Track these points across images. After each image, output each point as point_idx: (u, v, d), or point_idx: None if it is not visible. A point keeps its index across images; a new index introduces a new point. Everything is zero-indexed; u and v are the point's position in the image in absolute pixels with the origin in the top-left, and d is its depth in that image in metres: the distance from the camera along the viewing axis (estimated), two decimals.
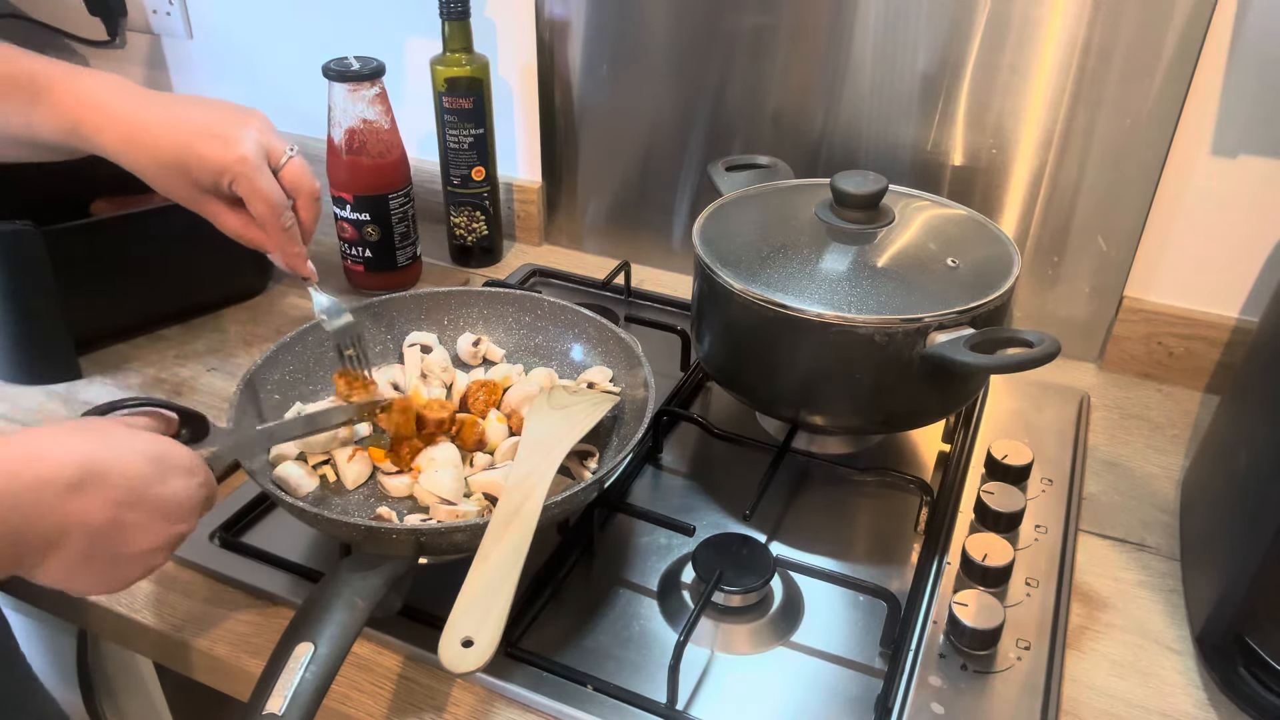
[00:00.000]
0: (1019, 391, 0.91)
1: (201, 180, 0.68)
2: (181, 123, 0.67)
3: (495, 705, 0.61)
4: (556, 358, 0.83)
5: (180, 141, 0.67)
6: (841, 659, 0.64)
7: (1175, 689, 0.63)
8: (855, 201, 0.76)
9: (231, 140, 0.67)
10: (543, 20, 1.05)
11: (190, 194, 0.69)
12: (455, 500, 0.68)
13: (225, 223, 0.71)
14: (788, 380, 0.74)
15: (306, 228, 0.74)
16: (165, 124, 0.67)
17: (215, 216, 0.71)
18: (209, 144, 0.67)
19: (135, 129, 0.67)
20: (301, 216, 0.73)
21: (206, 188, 0.68)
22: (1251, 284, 0.88)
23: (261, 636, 0.65)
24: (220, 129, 0.67)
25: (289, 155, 0.71)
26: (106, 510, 0.49)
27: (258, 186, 0.68)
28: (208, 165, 0.67)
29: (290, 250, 0.72)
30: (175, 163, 0.67)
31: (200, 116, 0.68)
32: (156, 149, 0.67)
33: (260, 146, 0.69)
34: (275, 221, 0.70)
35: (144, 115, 0.67)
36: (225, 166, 0.67)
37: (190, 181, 0.68)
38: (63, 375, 0.90)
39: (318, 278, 0.76)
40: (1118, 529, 0.76)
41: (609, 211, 1.13)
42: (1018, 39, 0.86)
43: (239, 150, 0.67)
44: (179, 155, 0.67)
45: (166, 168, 0.67)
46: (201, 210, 0.70)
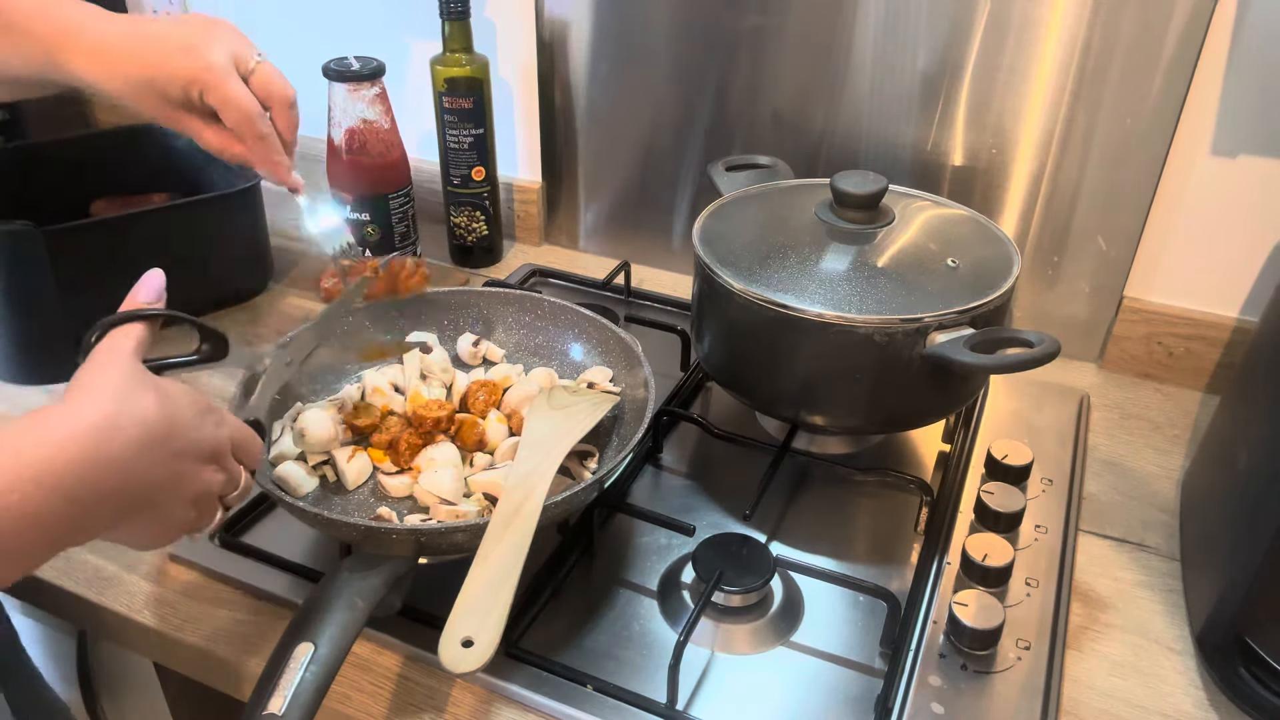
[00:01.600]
0: (1019, 391, 0.91)
1: (172, 94, 0.67)
2: (149, 39, 0.67)
3: (495, 705, 0.61)
4: (556, 358, 0.83)
5: (148, 58, 0.66)
6: (841, 659, 0.64)
7: (1175, 689, 0.63)
8: (855, 201, 0.76)
9: (197, 50, 0.66)
10: (543, 20, 1.05)
11: (166, 111, 0.68)
12: (455, 500, 0.68)
13: (205, 138, 0.70)
14: (788, 380, 0.74)
15: (285, 135, 0.72)
16: (133, 42, 0.66)
17: (195, 133, 0.70)
18: (176, 56, 0.66)
19: (105, 51, 0.66)
20: (278, 125, 0.71)
21: (179, 102, 0.67)
22: (1251, 284, 0.88)
23: (261, 636, 0.65)
24: (186, 40, 0.67)
25: (257, 60, 0.69)
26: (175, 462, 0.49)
27: (227, 94, 0.67)
28: (176, 78, 0.66)
29: (270, 159, 0.71)
30: (145, 80, 0.66)
31: (167, 31, 0.67)
32: (126, 68, 0.66)
33: (228, 54, 0.67)
34: (250, 129, 0.68)
35: (111, 36, 0.67)
36: (193, 76, 0.66)
37: (163, 98, 0.67)
38: (63, 375, 0.90)
39: (304, 187, 0.74)
40: (1118, 529, 0.76)
41: (609, 211, 1.13)
42: (1018, 39, 0.86)
43: (205, 59, 0.66)
44: (148, 72, 0.66)
45: (138, 86, 0.66)
46: (180, 127, 0.69)
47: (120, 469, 0.46)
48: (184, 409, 0.51)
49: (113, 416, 0.46)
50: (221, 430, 0.54)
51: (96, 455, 0.45)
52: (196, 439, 0.51)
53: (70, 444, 0.44)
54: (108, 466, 0.45)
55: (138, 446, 0.47)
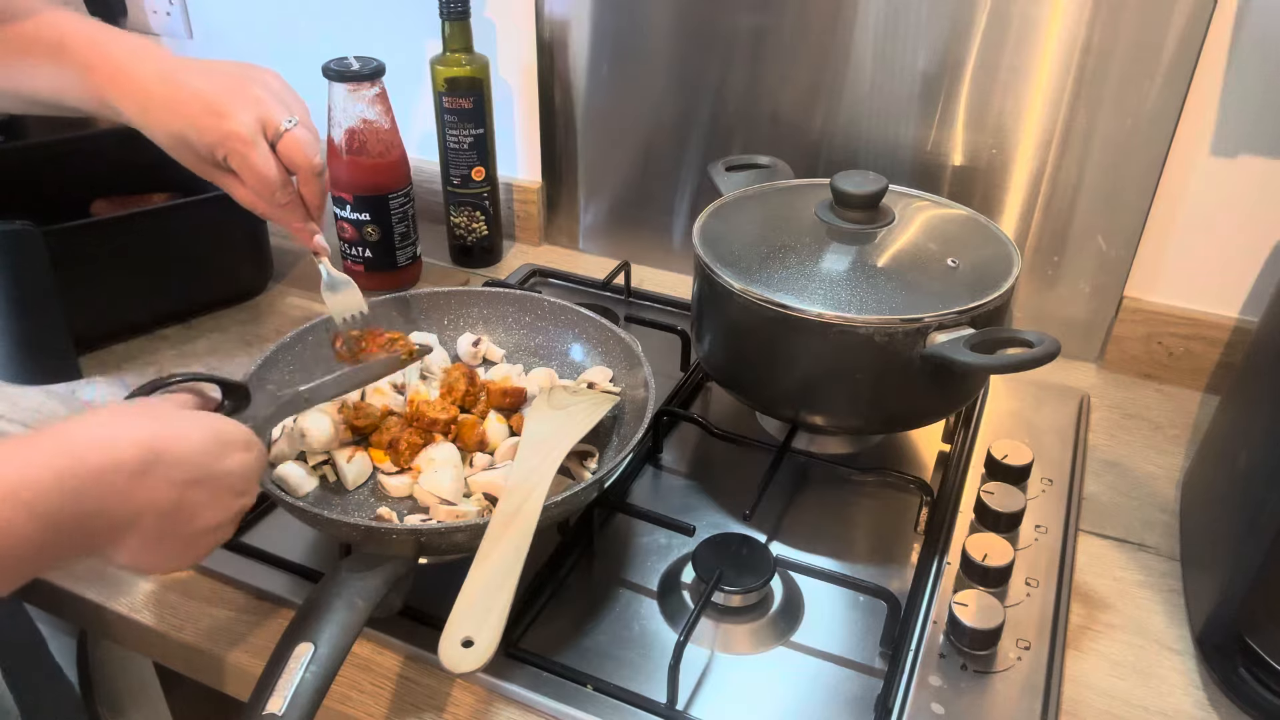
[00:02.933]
0: (1019, 391, 0.91)
1: (202, 154, 0.68)
2: (187, 96, 0.67)
3: (495, 705, 0.61)
4: (556, 358, 0.83)
5: (183, 115, 0.67)
6: (841, 659, 0.64)
7: (1175, 689, 0.63)
8: (855, 201, 0.76)
9: (227, 114, 0.66)
10: (543, 20, 1.05)
11: (200, 166, 0.69)
12: (455, 500, 0.68)
13: (236, 194, 0.70)
14: (788, 380, 0.74)
15: (311, 202, 0.72)
16: (173, 98, 0.67)
17: (229, 188, 0.70)
18: (204, 118, 0.67)
19: (148, 102, 0.67)
20: (304, 191, 0.71)
21: (209, 161, 0.68)
22: (1251, 284, 0.88)
23: (261, 636, 0.65)
24: (216, 101, 0.67)
25: (286, 127, 0.68)
26: (173, 491, 0.50)
27: (249, 163, 0.67)
28: (204, 140, 0.67)
29: (292, 225, 0.71)
30: (179, 135, 0.67)
31: (204, 88, 0.67)
32: (164, 121, 0.67)
33: (256, 120, 0.67)
34: (270, 198, 0.69)
35: (154, 88, 0.67)
36: (218, 141, 0.67)
37: (195, 154, 0.68)
38: (63, 375, 0.90)
39: (329, 252, 0.74)
40: (1118, 529, 0.76)
41: (609, 211, 1.13)
42: (1018, 39, 0.86)
43: (230, 125, 0.66)
44: (182, 130, 0.67)
45: (174, 141, 0.68)
46: (215, 181, 0.70)
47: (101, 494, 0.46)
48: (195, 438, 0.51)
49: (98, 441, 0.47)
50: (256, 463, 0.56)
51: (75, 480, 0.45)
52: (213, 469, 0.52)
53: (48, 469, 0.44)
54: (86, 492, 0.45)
55: (125, 472, 0.47)
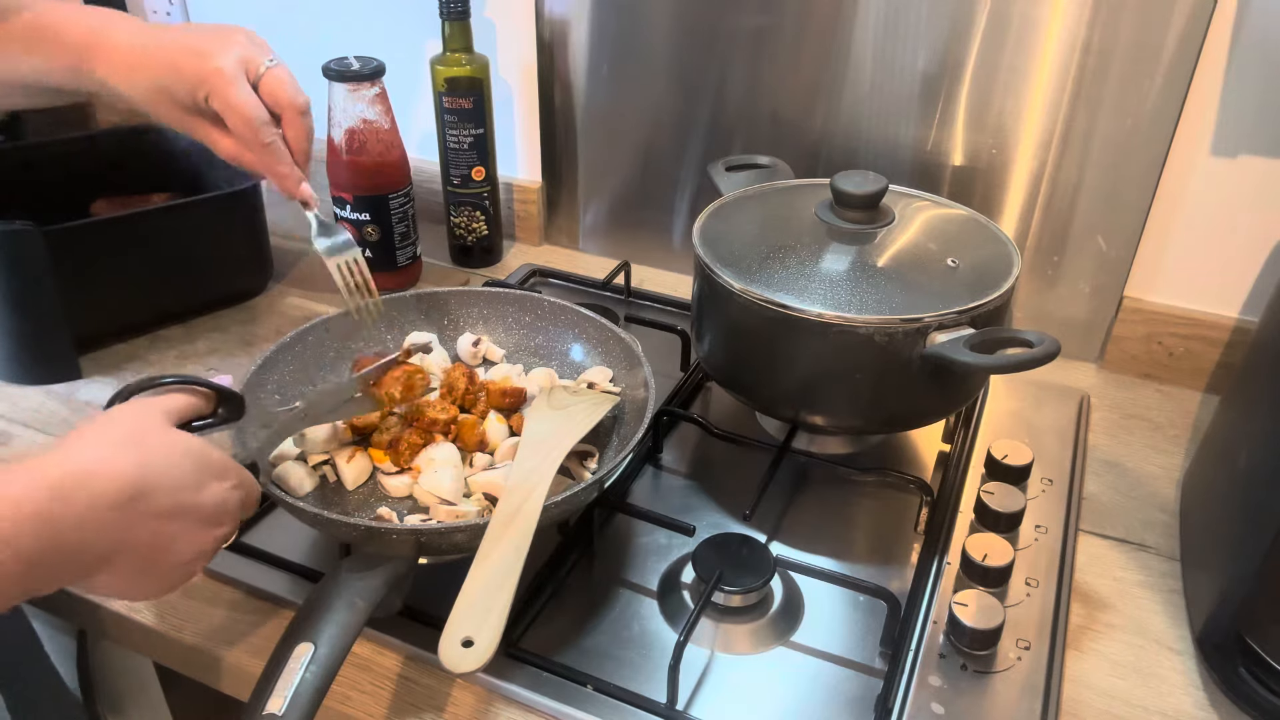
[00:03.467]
0: (1019, 391, 0.91)
1: (182, 98, 0.67)
2: (165, 44, 0.67)
3: (495, 705, 0.61)
4: (556, 358, 0.83)
5: (162, 61, 0.66)
6: (841, 659, 0.64)
7: (1175, 689, 0.63)
8: (855, 201, 0.76)
9: (207, 53, 0.66)
10: (543, 20, 1.05)
11: (179, 115, 0.68)
12: (455, 500, 0.68)
13: (218, 144, 0.69)
14: (788, 380, 0.74)
15: (295, 145, 0.70)
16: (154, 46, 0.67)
17: (208, 138, 0.69)
18: (186, 60, 0.66)
19: (125, 56, 0.67)
20: (288, 133, 0.69)
21: (190, 107, 0.67)
22: (1251, 284, 0.88)
23: (261, 636, 0.65)
24: (198, 45, 0.67)
25: (267, 65, 0.68)
26: (152, 524, 0.49)
27: (230, 99, 0.66)
28: (185, 80, 0.66)
29: (275, 169, 0.69)
30: (158, 83, 0.67)
31: (182, 37, 0.68)
32: (143, 73, 0.67)
33: (238, 59, 0.67)
34: (253, 136, 0.67)
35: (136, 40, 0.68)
36: (200, 79, 0.66)
37: (175, 102, 0.67)
38: (63, 375, 0.90)
39: (318, 202, 0.72)
40: (1118, 529, 0.76)
41: (609, 211, 1.13)
42: (1018, 39, 0.86)
43: (213, 62, 0.66)
44: (161, 76, 0.66)
45: (152, 90, 0.67)
46: (195, 133, 0.69)
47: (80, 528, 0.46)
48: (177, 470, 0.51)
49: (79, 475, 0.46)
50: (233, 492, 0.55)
51: (53, 514, 0.45)
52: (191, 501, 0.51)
53: (27, 502, 0.44)
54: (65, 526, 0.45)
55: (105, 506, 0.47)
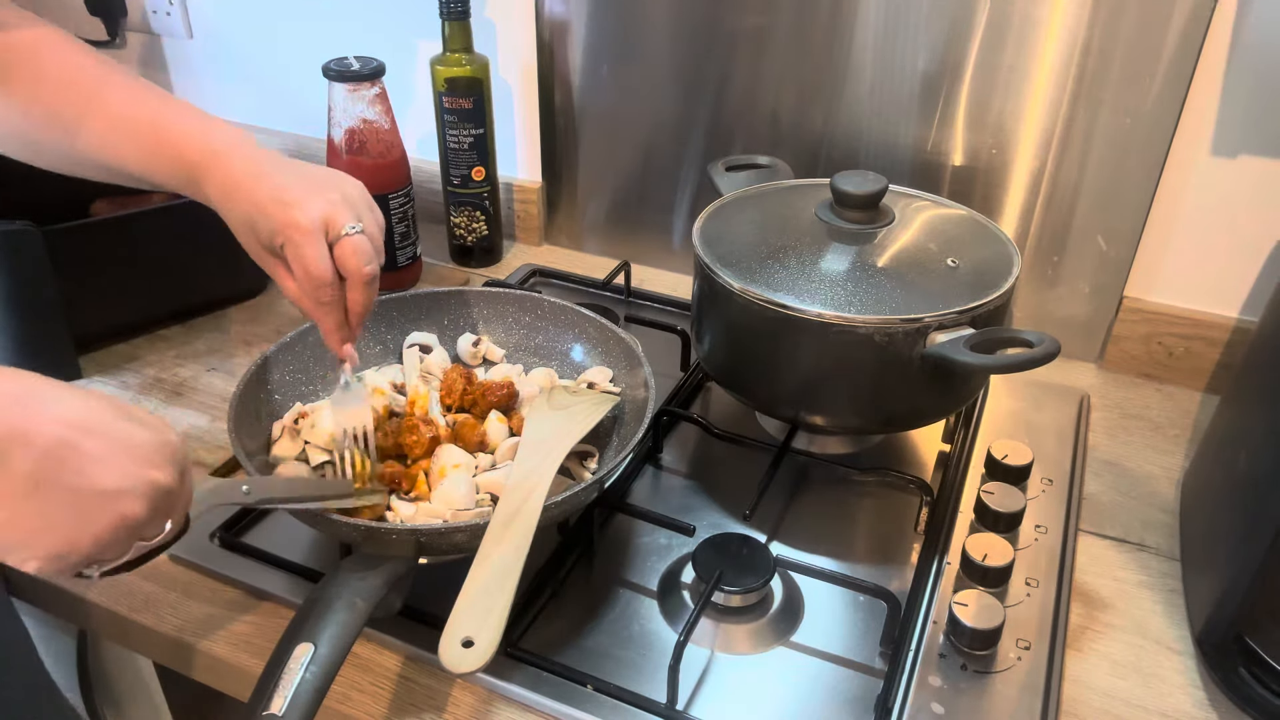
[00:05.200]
0: (1019, 391, 0.91)
1: (263, 239, 0.68)
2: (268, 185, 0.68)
3: (495, 705, 0.61)
4: (556, 358, 0.83)
5: (256, 202, 0.67)
6: (841, 659, 0.64)
7: (1175, 689, 0.63)
8: (855, 201, 0.76)
9: (295, 204, 0.67)
10: (543, 20, 1.05)
11: (259, 252, 0.70)
12: (470, 506, 0.68)
13: (284, 285, 0.70)
14: (788, 380, 0.74)
15: (353, 309, 0.70)
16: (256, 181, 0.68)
17: (276, 276, 0.71)
18: (275, 205, 0.67)
19: (234, 183, 0.68)
20: (350, 296, 0.70)
21: (267, 246, 0.69)
22: (1251, 284, 0.88)
23: (261, 636, 0.65)
24: (294, 193, 0.67)
25: (348, 231, 0.68)
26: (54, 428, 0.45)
27: (302, 254, 0.67)
28: (267, 225, 0.67)
29: (326, 326, 0.70)
30: (249, 220, 0.68)
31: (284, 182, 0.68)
32: (240, 207, 0.68)
33: (321, 216, 0.67)
34: (312, 293, 0.68)
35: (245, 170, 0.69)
36: (278, 229, 0.67)
37: (256, 239, 0.69)
38: (63, 375, 0.90)
39: (357, 362, 0.71)
40: (1118, 529, 0.76)
41: (609, 211, 1.13)
42: (1018, 39, 0.86)
43: (295, 215, 0.66)
44: (251, 214, 0.67)
45: (243, 224, 0.68)
46: (268, 269, 0.71)
47: None
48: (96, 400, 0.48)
49: None
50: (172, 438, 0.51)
51: None
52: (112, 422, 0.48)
53: None
54: None
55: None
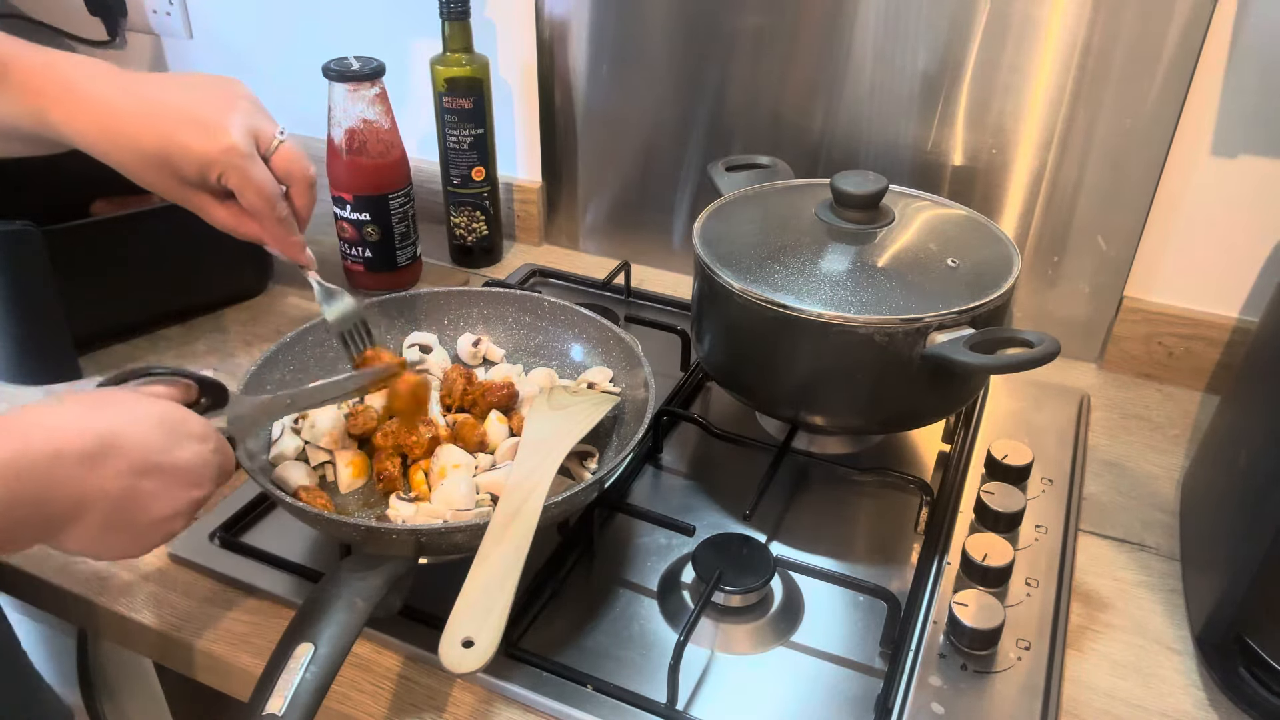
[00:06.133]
0: (1019, 391, 0.91)
1: (187, 173, 0.63)
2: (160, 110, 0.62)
3: (495, 705, 0.61)
4: (556, 358, 0.83)
5: (161, 131, 0.61)
6: (841, 659, 0.64)
7: (1175, 689, 0.63)
8: (855, 201, 0.76)
9: (216, 128, 0.62)
10: (543, 20, 1.05)
11: (175, 188, 0.64)
12: (470, 506, 0.68)
13: (216, 216, 0.66)
14: (788, 380, 0.74)
15: (302, 215, 0.69)
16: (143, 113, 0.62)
17: (204, 210, 0.66)
18: (192, 133, 0.61)
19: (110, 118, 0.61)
20: (296, 204, 0.68)
21: (193, 181, 0.64)
22: (1251, 284, 0.88)
23: (261, 636, 0.65)
24: (203, 114, 0.62)
25: (279, 139, 0.65)
26: (122, 480, 0.49)
27: (249, 177, 0.63)
28: (192, 157, 0.62)
29: (288, 240, 0.68)
30: (157, 155, 0.62)
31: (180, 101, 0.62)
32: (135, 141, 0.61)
33: (248, 133, 0.63)
34: (270, 213, 0.65)
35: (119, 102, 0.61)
36: (212, 159, 0.62)
37: (174, 175, 0.63)
38: (63, 375, 0.90)
39: (316, 265, 0.72)
40: (1118, 529, 0.76)
41: (609, 211, 1.13)
42: (1018, 39, 0.86)
43: (226, 140, 0.62)
44: (160, 147, 0.62)
45: (147, 161, 0.62)
46: (189, 204, 0.66)
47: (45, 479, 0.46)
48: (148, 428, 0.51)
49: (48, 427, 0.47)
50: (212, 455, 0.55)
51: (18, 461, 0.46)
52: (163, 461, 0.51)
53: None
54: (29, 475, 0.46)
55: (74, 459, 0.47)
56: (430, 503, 0.68)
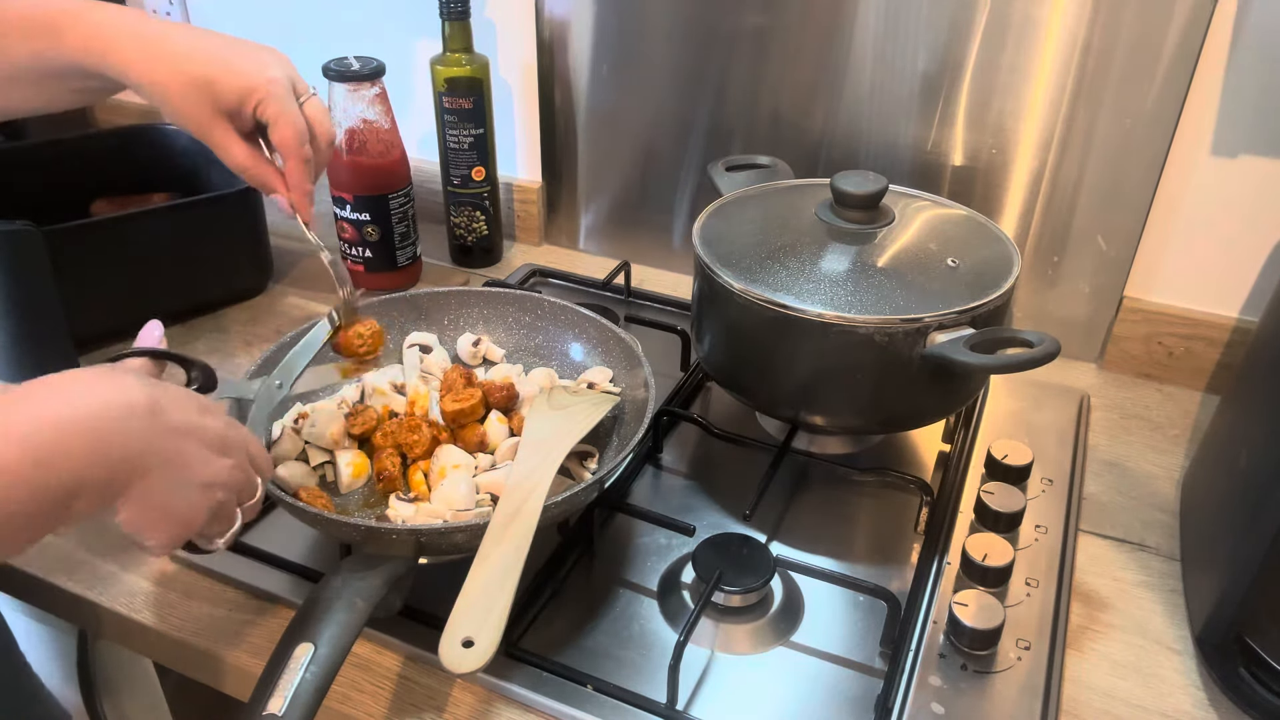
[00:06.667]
0: (1019, 391, 0.91)
1: (225, 99, 0.65)
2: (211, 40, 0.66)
3: (495, 705, 0.61)
4: (556, 358, 0.83)
5: (210, 55, 0.65)
6: (841, 659, 0.64)
7: (1175, 689, 0.63)
8: (855, 201, 0.76)
9: (261, 62, 0.66)
10: (543, 20, 1.05)
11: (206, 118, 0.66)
12: (470, 506, 0.68)
13: (235, 153, 0.68)
14: (788, 380, 0.74)
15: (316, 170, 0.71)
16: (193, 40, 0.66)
17: (226, 147, 0.68)
18: (239, 61, 0.65)
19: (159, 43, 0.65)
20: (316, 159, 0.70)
21: (229, 107, 0.66)
22: (1251, 284, 0.88)
23: (261, 636, 0.65)
24: (250, 50, 0.67)
25: (312, 92, 0.69)
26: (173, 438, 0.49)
27: (286, 109, 0.66)
28: (236, 82, 0.65)
29: (302, 184, 0.69)
30: (202, 76, 0.65)
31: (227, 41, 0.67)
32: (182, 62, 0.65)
33: (288, 77, 0.67)
34: (298, 149, 0.67)
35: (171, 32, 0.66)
36: (255, 84, 0.65)
37: (212, 101, 0.65)
38: None
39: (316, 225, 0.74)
40: (1118, 529, 0.76)
41: (609, 211, 1.13)
42: (1018, 39, 0.86)
43: (270, 71, 0.66)
44: (206, 69, 0.65)
45: (190, 82, 0.65)
46: (212, 139, 0.68)
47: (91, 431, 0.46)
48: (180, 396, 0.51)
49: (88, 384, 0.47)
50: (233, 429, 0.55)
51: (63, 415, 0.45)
52: (199, 422, 0.51)
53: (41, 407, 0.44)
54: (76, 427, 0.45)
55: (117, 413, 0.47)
56: (430, 503, 0.68)
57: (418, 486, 0.70)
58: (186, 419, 0.51)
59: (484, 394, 0.75)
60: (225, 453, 0.53)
